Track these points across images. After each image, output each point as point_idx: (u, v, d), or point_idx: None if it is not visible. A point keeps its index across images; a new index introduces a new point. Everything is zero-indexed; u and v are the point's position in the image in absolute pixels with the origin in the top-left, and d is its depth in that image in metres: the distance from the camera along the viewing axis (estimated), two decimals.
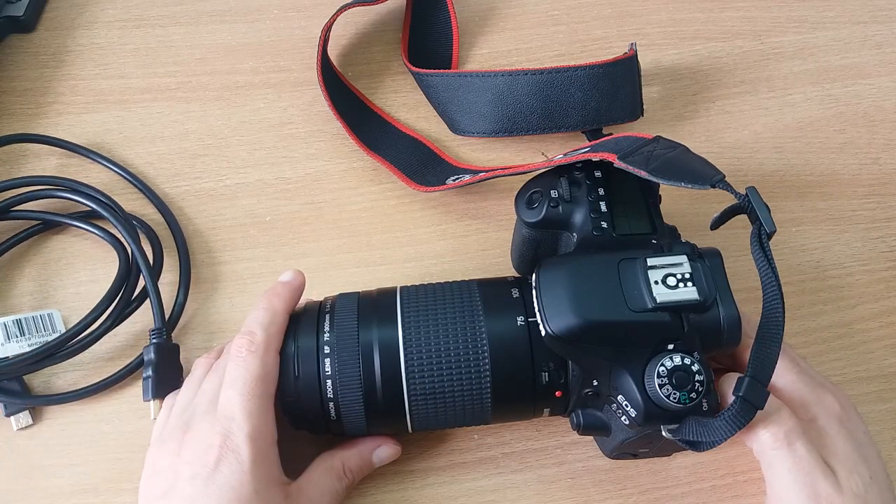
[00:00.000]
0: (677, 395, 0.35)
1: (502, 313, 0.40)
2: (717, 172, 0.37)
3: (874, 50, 0.60)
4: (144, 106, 0.58)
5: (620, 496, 0.45)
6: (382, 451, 0.43)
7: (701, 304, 0.36)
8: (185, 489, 0.37)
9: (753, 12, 0.62)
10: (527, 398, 0.40)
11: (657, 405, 0.36)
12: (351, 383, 0.39)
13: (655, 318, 0.36)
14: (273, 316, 0.41)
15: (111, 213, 0.50)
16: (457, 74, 0.55)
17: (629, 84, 0.54)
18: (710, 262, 0.38)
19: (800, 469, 0.37)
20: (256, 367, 0.39)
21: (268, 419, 0.39)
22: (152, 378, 0.45)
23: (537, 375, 0.39)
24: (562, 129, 0.54)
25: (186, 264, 0.51)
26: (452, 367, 0.39)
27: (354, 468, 0.42)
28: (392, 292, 0.42)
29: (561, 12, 0.62)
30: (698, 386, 0.36)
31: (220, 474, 0.37)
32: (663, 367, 0.36)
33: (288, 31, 0.61)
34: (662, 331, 0.36)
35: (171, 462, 0.38)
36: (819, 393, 0.40)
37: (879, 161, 0.55)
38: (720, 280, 0.38)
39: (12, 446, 0.46)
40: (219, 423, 0.38)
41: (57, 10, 0.62)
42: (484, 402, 0.39)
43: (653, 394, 0.36)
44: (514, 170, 0.47)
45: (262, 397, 0.39)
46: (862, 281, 0.51)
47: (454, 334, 0.39)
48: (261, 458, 0.38)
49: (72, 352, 0.46)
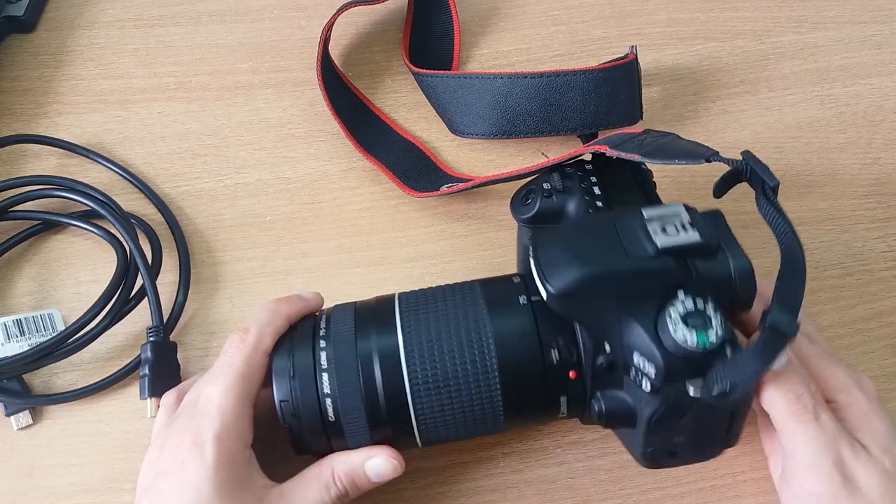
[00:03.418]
0: (695, 337, 0.33)
1: (504, 299, 0.39)
2: (709, 149, 0.36)
3: (874, 50, 0.60)
4: (144, 106, 0.58)
5: (621, 496, 0.45)
6: (377, 462, 0.39)
7: (705, 245, 0.34)
8: (161, 485, 0.37)
9: (753, 12, 0.62)
10: (539, 384, 0.38)
11: (675, 355, 0.34)
12: (352, 398, 0.38)
13: (660, 263, 0.34)
14: (272, 318, 0.40)
15: (109, 212, 0.50)
16: (457, 76, 0.55)
17: (628, 88, 0.54)
18: (711, 216, 0.36)
19: (824, 440, 0.36)
20: (241, 366, 0.39)
21: (242, 419, 0.38)
22: (149, 376, 0.45)
23: (546, 353, 0.37)
24: (560, 132, 0.53)
25: (186, 263, 0.51)
26: (457, 359, 0.37)
27: (344, 477, 0.39)
28: (390, 299, 0.41)
29: (561, 12, 0.62)
30: (717, 328, 0.34)
31: (185, 472, 0.36)
32: (675, 311, 0.34)
33: (288, 31, 0.61)
34: (669, 276, 0.34)
35: (155, 458, 0.38)
36: (857, 376, 0.39)
37: (879, 161, 0.55)
38: (723, 231, 0.36)
39: (12, 446, 0.46)
40: (194, 419, 0.38)
41: (57, 10, 0.62)
42: (494, 398, 0.38)
43: (669, 343, 0.34)
44: (505, 175, 0.47)
45: (239, 396, 0.38)
46: (862, 281, 0.51)
47: (455, 328, 0.38)
48: (227, 458, 0.37)
49: (70, 350, 0.46)
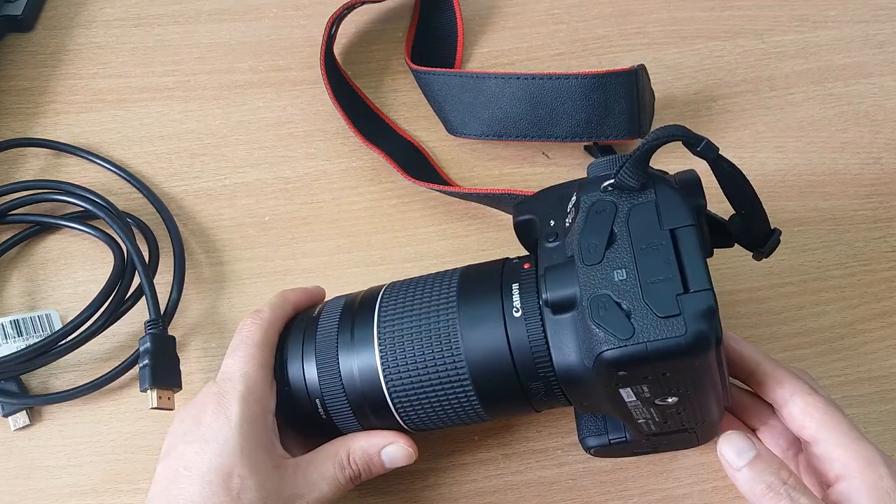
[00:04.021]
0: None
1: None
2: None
3: (876, 49, 0.60)
4: (143, 105, 0.57)
5: (621, 497, 0.44)
6: (393, 449, 0.40)
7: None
8: (179, 447, 0.38)
9: (755, 11, 0.61)
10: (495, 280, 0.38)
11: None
12: (335, 389, 0.39)
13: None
14: (283, 302, 0.43)
15: (105, 212, 0.50)
16: (454, 74, 0.55)
17: (625, 99, 0.52)
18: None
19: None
20: (259, 336, 0.40)
21: (264, 385, 0.40)
22: (149, 365, 0.44)
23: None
24: (551, 138, 0.53)
25: (181, 258, 0.51)
26: (428, 366, 0.38)
27: (359, 460, 0.40)
28: (376, 291, 0.41)
29: (562, 11, 0.62)
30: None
31: (208, 430, 0.38)
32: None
33: (287, 30, 0.61)
34: None
35: (177, 424, 0.40)
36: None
37: (881, 161, 0.55)
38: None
39: (10, 447, 0.46)
40: (217, 384, 0.39)
41: (55, 10, 0.62)
42: (469, 396, 0.38)
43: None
44: (496, 191, 0.49)
45: (261, 363, 0.40)
46: (864, 281, 0.51)
47: (427, 335, 0.38)
48: (251, 418, 0.38)
49: (65, 349, 0.46)
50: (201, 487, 0.36)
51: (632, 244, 0.34)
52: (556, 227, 0.38)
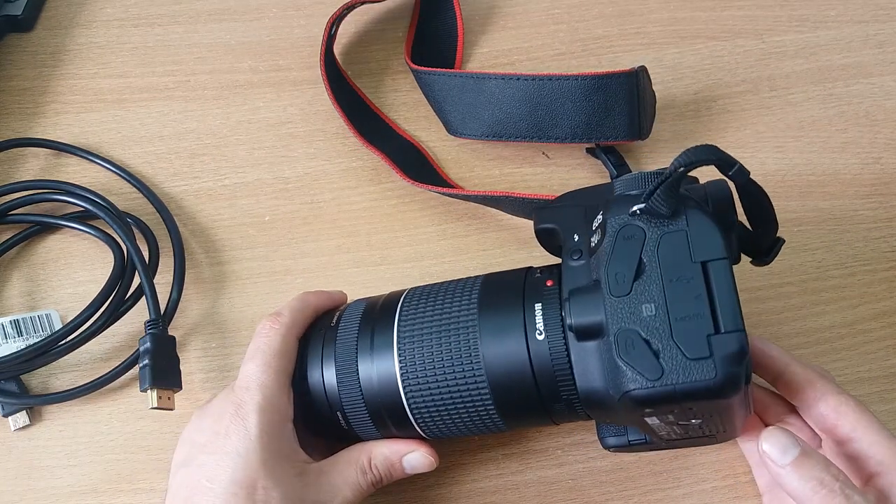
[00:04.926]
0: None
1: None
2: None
3: (876, 49, 0.60)
4: (143, 105, 0.57)
5: (622, 497, 0.44)
6: (414, 457, 0.41)
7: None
8: (199, 458, 0.38)
9: (755, 11, 0.61)
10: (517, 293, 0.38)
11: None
12: (355, 398, 0.39)
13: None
14: (304, 305, 0.42)
15: (105, 212, 0.50)
16: (454, 74, 0.55)
17: (625, 101, 0.51)
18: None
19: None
20: (277, 343, 0.40)
21: (282, 394, 0.39)
22: (150, 365, 0.44)
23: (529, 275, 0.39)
24: (550, 139, 0.53)
25: (181, 258, 0.50)
26: (448, 377, 0.38)
27: (381, 466, 0.41)
28: (396, 298, 0.41)
29: (562, 11, 0.62)
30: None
31: (228, 442, 0.37)
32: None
33: (287, 30, 0.61)
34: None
35: (193, 432, 0.39)
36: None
37: (881, 161, 0.55)
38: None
39: (10, 447, 0.46)
40: (234, 393, 0.39)
41: (55, 9, 0.62)
42: (488, 406, 0.38)
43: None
44: (495, 193, 0.49)
45: (278, 372, 0.39)
46: (864, 281, 0.51)
47: (447, 347, 0.38)
48: (270, 429, 0.38)
49: (65, 349, 0.46)
50: (225, 500, 0.36)
51: (661, 276, 0.33)
52: (581, 242, 0.37)
